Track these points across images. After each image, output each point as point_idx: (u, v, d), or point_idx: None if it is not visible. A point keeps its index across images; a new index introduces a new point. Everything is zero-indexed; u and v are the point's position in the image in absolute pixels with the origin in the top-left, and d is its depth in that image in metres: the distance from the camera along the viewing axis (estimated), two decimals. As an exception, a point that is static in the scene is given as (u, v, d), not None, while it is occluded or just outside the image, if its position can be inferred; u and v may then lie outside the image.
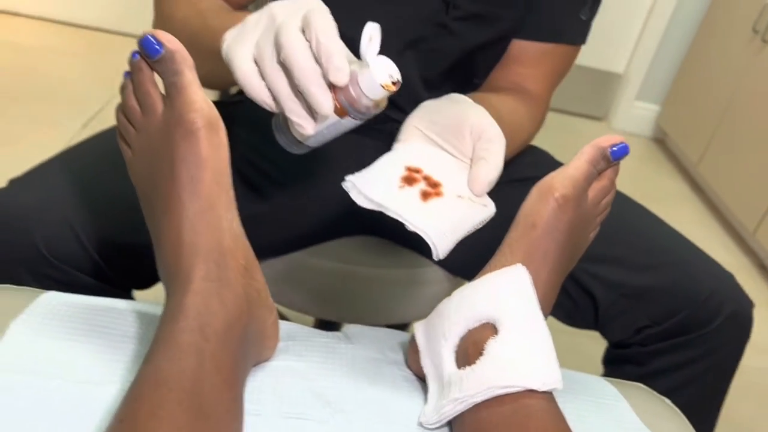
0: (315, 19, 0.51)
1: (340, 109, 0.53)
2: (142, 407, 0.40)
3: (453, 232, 0.56)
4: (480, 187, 0.60)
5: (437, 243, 0.55)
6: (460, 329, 0.55)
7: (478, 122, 0.63)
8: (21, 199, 0.68)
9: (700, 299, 0.80)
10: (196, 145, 0.50)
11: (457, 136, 0.63)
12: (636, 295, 0.82)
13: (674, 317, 0.81)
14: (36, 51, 2.41)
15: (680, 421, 0.63)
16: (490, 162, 0.61)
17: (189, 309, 0.46)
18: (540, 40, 0.86)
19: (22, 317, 0.53)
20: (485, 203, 0.61)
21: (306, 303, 0.96)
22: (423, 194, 0.58)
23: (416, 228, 0.55)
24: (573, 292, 0.85)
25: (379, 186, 0.57)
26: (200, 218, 0.50)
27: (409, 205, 0.56)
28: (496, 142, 0.62)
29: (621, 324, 0.84)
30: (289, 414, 0.49)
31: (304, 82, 0.50)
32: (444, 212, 0.57)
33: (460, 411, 0.50)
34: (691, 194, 2.46)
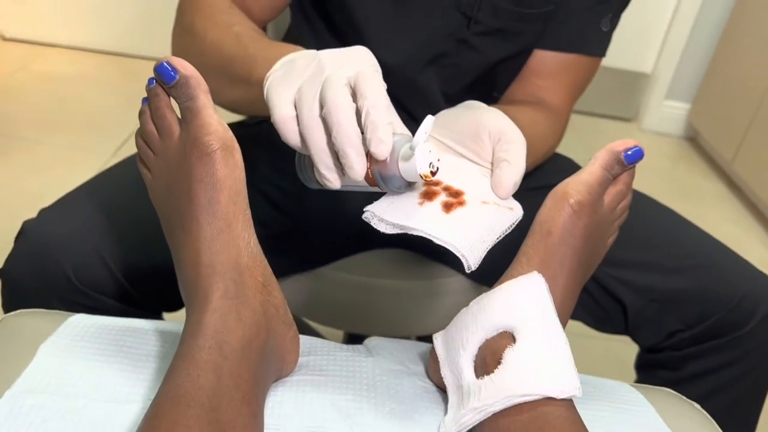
0: (366, 85, 0.51)
1: (371, 178, 0.53)
2: (161, 424, 0.41)
3: (482, 240, 0.54)
4: (505, 190, 0.59)
5: (467, 255, 0.53)
6: (478, 339, 0.55)
7: (496, 124, 0.62)
8: (50, 230, 0.71)
9: (732, 301, 0.79)
10: (212, 167, 0.52)
11: (476, 141, 0.62)
12: (666, 300, 0.81)
13: (706, 321, 0.80)
14: (70, 80, 2.48)
15: (711, 427, 0.62)
16: (513, 163, 0.59)
17: (207, 327, 0.47)
18: (560, 50, 0.85)
19: (51, 339, 0.55)
20: (511, 206, 0.59)
21: (333, 317, 0.97)
22: (445, 206, 0.56)
23: (443, 242, 0.53)
24: (601, 299, 0.84)
25: (398, 208, 0.56)
26: (217, 238, 0.52)
27: (432, 221, 0.55)
28: (516, 143, 0.61)
29: (652, 329, 0.83)
30: (309, 428, 0.50)
31: (342, 143, 0.50)
32: (470, 221, 0.55)
33: (480, 420, 0.50)
34: (727, 193, 2.41)
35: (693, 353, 0.82)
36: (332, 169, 0.53)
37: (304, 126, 0.52)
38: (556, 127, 0.86)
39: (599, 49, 0.87)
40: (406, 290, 0.92)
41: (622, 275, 0.82)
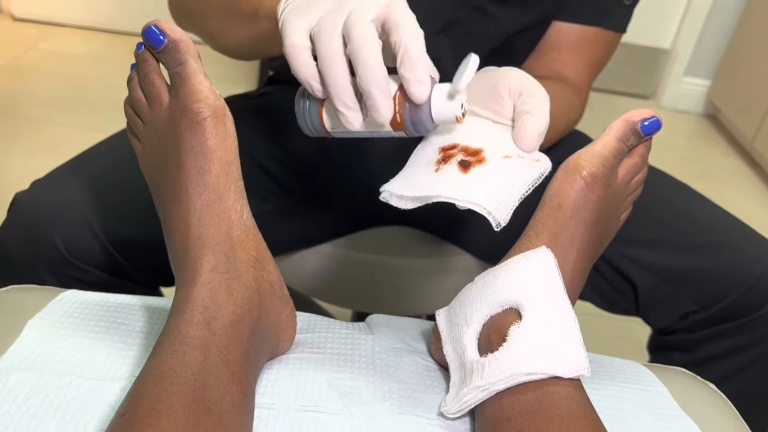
0: (401, 20, 0.47)
1: (397, 121, 0.50)
2: (143, 401, 0.39)
3: (507, 195, 0.51)
4: (528, 142, 0.55)
5: (493, 211, 0.49)
6: (483, 315, 0.53)
7: (515, 80, 0.58)
8: (40, 200, 0.69)
9: (748, 282, 0.75)
10: (203, 136, 0.50)
11: (496, 99, 0.58)
12: (679, 280, 0.78)
13: (722, 302, 0.76)
14: (81, 59, 2.47)
15: (726, 407, 0.59)
16: (535, 114, 0.55)
17: (195, 301, 0.45)
18: (580, 22, 0.82)
19: (39, 315, 0.53)
20: (538, 158, 0.55)
21: (338, 295, 0.95)
22: (462, 166, 0.52)
23: (465, 203, 0.49)
24: (611, 278, 0.81)
25: (414, 181, 0.53)
26: (208, 210, 0.49)
27: (450, 183, 0.51)
28: (538, 96, 0.57)
29: (664, 310, 0.80)
30: (304, 407, 0.48)
31: (368, 84, 0.47)
32: (491, 177, 0.51)
33: (482, 399, 0.48)
34: (748, 171, 2.36)
35: (707, 335, 0.79)
36: (353, 109, 0.50)
37: (323, 60, 0.49)
38: (576, 102, 0.83)
39: (620, 23, 0.84)
40: (412, 268, 0.90)
41: (632, 253, 0.79)
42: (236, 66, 2.54)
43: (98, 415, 0.44)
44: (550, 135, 0.76)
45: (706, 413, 0.57)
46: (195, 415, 0.39)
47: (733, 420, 0.58)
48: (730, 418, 0.58)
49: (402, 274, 0.91)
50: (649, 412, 0.54)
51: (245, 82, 2.40)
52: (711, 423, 0.55)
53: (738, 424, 0.58)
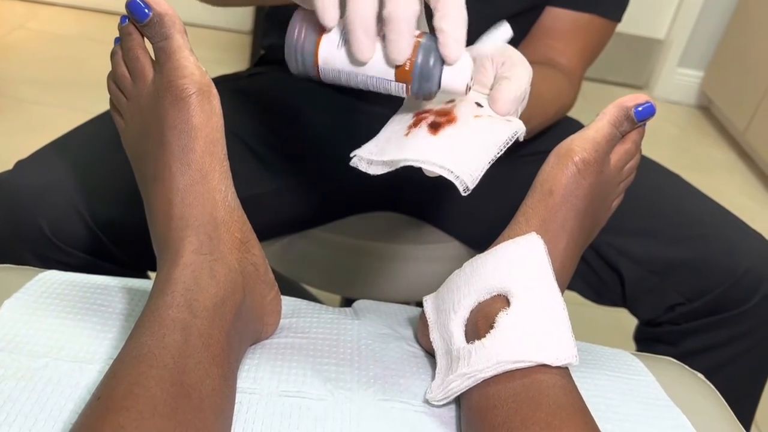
0: None
1: (406, 70, 0.48)
2: (120, 384, 0.38)
3: (476, 157, 0.48)
4: (503, 104, 0.53)
5: (460, 174, 0.47)
6: (470, 302, 0.52)
7: (499, 51, 0.57)
8: (24, 181, 0.67)
9: (735, 275, 0.74)
10: (187, 113, 0.48)
11: (479, 69, 0.56)
12: (665, 271, 0.77)
13: (706, 295, 0.75)
14: (70, 39, 2.43)
15: (714, 397, 0.59)
16: (513, 79, 0.54)
17: (177, 283, 0.44)
18: (575, 8, 0.80)
19: (16, 295, 0.52)
20: (509, 119, 0.53)
21: (326, 280, 0.94)
22: (432, 127, 0.50)
23: (432, 166, 0.47)
24: (598, 268, 0.80)
25: (384, 146, 0.51)
26: (191, 189, 0.48)
27: (418, 146, 0.49)
28: (519, 65, 0.55)
29: (650, 301, 0.79)
30: (286, 392, 0.47)
31: (395, 20, 0.45)
32: (460, 138, 0.49)
33: (468, 387, 0.47)
34: (739, 163, 2.36)
35: (692, 328, 0.78)
36: (372, 38, 0.46)
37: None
38: (568, 88, 0.81)
39: (615, 12, 0.82)
40: (400, 254, 0.89)
41: (620, 243, 0.78)
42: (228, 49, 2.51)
43: (75, 398, 0.43)
44: (539, 118, 0.74)
45: (694, 403, 0.56)
46: (173, 399, 0.37)
47: (720, 409, 0.58)
48: (718, 408, 0.58)
49: (391, 259, 0.90)
50: (637, 401, 0.54)
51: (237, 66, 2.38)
52: (699, 412, 0.55)
53: (726, 414, 0.57)
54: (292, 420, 0.45)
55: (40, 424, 0.41)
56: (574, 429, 0.42)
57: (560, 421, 0.42)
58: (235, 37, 2.65)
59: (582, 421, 0.43)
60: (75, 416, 0.42)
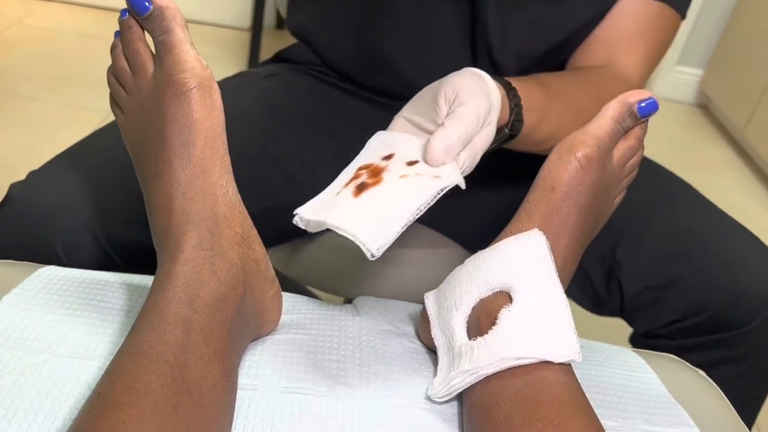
0: None
1: None
2: (120, 380, 0.37)
3: (387, 224, 0.48)
4: (432, 155, 0.52)
5: (366, 242, 0.47)
6: (472, 298, 0.52)
7: (452, 85, 0.55)
8: (38, 200, 0.64)
9: (734, 295, 0.70)
10: (188, 107, 0.48)
11: (434, 108, 0.55)
12: (663, 286, 0.73)
13: (703, 313, 0.72)
14: (68, 35, 2.43)
15: (715, 394, 0.59)
16: (447, 124, 0.53)
17: (177, 278, 0.44)
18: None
19: (15, 291, 0.52)
20: (438, 174, 0.51)
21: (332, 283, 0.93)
22: (357, 189, 0.51)
23: (344, 232, 0.47)
24: (597, 279, 0.78)
25: (318, 203, 0.52)
26: (192, 184, 0.48)
27: (338, 210, 0.49)
28: (465, 102, 0.53)
29: (648, 315, 0.76)
30: (288, 388, 0.47)
31: None
32: (376, 204, 0.49)
33: (471, 383, 0.47)
34: (738, 161, 2.36)
35: (688, 345, 0.74)
36: None
37: None
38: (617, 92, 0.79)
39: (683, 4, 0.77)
40: (405, 258, 0.88)
41: (619, 254, 0.75)
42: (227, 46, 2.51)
43: (74, 394, 0.43)
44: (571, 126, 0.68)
45: (696, 399, 0.56)
46: (174, 394, 0.37)
47: (722, 406, 0.58)
48: (720, 405, 0.58)
49: (397, 263, 0.88)
50: (639, 397, 0.53)
51: (235, 62, 2.37)
52: (700, 409, 0.54)
53: (727, 411, 0.57)
54: (294, 416, 0.44)
55: (40, 419, 0.41)
56: (577, 425, 0.42)
57: (563, 418, 0.42)
58: (233, 33, 2.65)
59: (585, 417, 0.43)
60: (75, 412, 0.41)
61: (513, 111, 0.62)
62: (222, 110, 0.50)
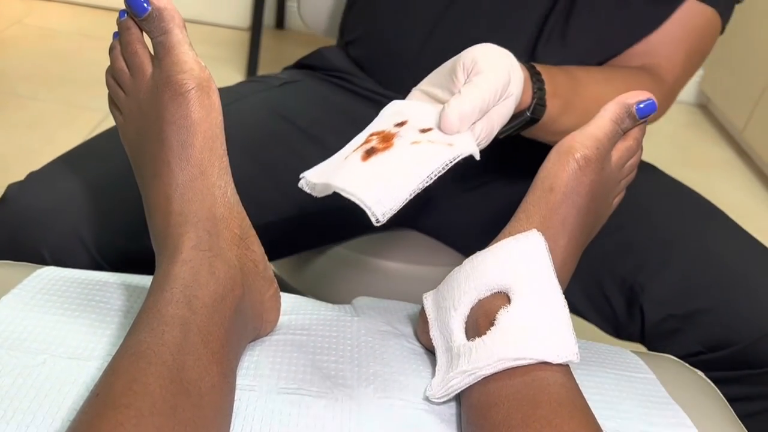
0: None
1: None
2: (119, 381, 0.37)
3: (394, 190, 0.47)
4: (444, 122, 0.50)
5: (372, 206, 0.45)
6: (471, 299, 0.52)
7: (471, 55, 0.53)
8: (30, 201, 0.63)
9: (763, 331, 0.66)
10: (186, 108, 0.48)
11: (452, 78, 0.54)
12: (686, 316, 0.70)
13: (728, 347, 0.68)
14: (67, 35, 2.43)
15: (714, 394, 0.59)
16: (463, 92, 0.51)
17: (176, 279, 0.44)
18: None
19: (14, 292, 0.52)
20: (451, 142, 0.50)
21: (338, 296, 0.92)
22: (366, 154, 0.49)
23: (349, 195, 0.46)
24: (617, 303, 0.75)
25: (326, 167, 0.51)
26: (190, 185, 0.48)
27: (346, 173, 0.48)
28: (483, 71, 0.52)
29: (669, 344, 0.72)
30: (286, 389, 0.47)
31: None
32: (385, 168, 0.48)
33: (469, 384, 0.47)
34: (738, 161, 2.36)
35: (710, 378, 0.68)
36: None
37: None
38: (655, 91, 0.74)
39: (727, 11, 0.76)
40: (415, 275, 0.87)
41: (643, 280, 0.72)
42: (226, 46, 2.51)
43: (73, 395, 0.43)
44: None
45: (694, 400, 0.56)
46: (172, 396, 0.37)
47: (720, 407, 0.58)
48: (718, 406, 0.58)
49: (406, 279, 0.87)
50: (638, 398, 0.53)
51: (234, 63, 2.37)
52: (699, 410, 0.54)
53: (726, 412, 0.57)
54: (292, 417, 0.44)
55: (38, 420, 0.41)
56: (575, 427, 0.42)
57: (561, 419, 0.42)
58: (233, 33, 2.65)
59: (583, 418, 0.43)
60: (73, 413, 0.41)
61: (536, 95, 0.61)
62: (220, 111, 0.50)
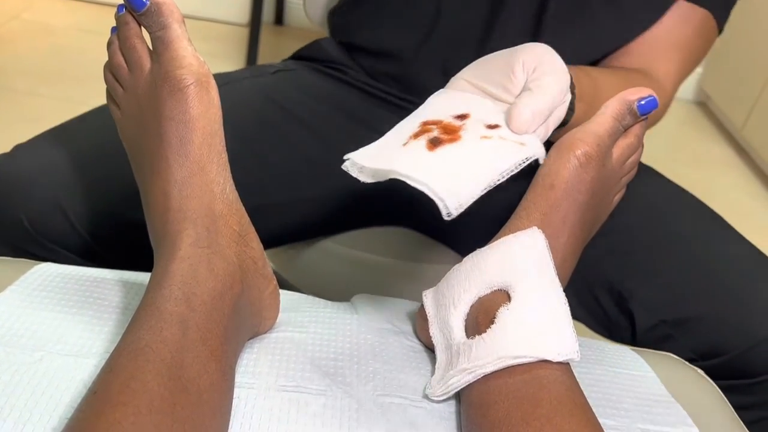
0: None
1: None
2: (117, 378, 0.37)
3: (467, 184, 0.45)
4: (517, 122, 0.48)
5: (445, 198, 0.43)
6: (471, 297, 0.51)
7: (532, 53, 0.51)
8: (12, 169, 0.65)
9: (754, 339, 0.65)
10: (185, 104, 0.48)
11: (508, 75, 0.52)
12: (677, 323, 0.69)
13: (719, 357, 0.67)
14: (65, 30, 2.42)
15: (714, 393, 0.59)
16: (537, 92, 0.49)
17: (174, 276, 0.44)
18: None
19: (11, 288, 0.51)
20: (522, 141, 0.48)
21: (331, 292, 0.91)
22: (431, 143, 0.47)
23: (418, 184, 0.44)
24: (609, 308, 0.73)
25: (379, 152, 0.48)
26: (189, 182, 0.48)
27: (410, 160, 0.46)
28: (550, 73, 0.50)
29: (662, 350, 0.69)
30: (285, 387, 0.46)
31: None
32: (457, 160, 0.46)
33: (469, 382, 0.47)
34: (736, 159, 2.36)
35: None
36: None
37: None
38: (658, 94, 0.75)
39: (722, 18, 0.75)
40: (409, 272, 0.86)
41: (634, 286, 0.71)
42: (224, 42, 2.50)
43: (71, 392, 0.42)
44: None
45: (695, 398, 0.56)
46: (171, 393, 0.37)
47: (720, 405, 0.58)
48: (718, 404, 0.58)
49: (400, 277, 0.86)
50: (638, 396, 0.53)
51: (233, 58, 2.36)
52: (699, 408, 0.54)
53: (726, 410, 0.57)
54: (291, 415, 0.44)
55: (36, 418, 0.40)
56: (575, 425, 0.42)
57: (561, 418, 0.42)
58: (232, 29, 2.64)
59: (583, 417, 0.43)
60: (71, 410, 0.41)
61: None
62: (219, 107, 0.50)
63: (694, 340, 0.68)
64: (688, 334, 0.69)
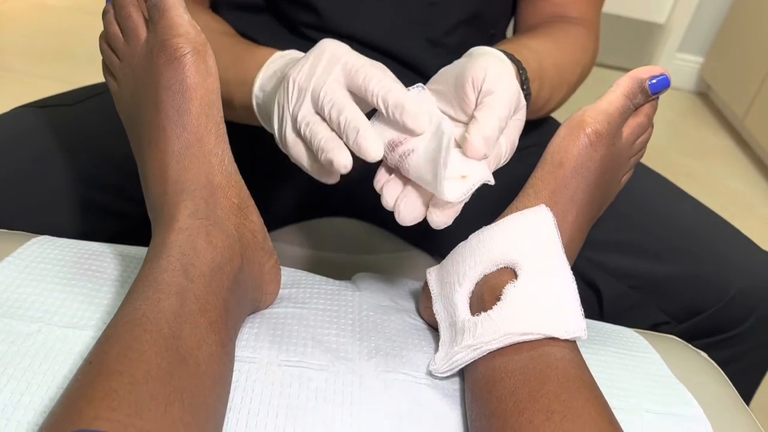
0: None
1: None
2: (113, 348, 0.36)
3: None
4: (472, 150, 0.48)
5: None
6: (476, 274, 0.50)
7: (479, 69, 0.50)
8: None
9: (727, 295, 0.66)
10: (182, 73, 0.46)
11: (461, 96, 0.51)
12: (648, 287, 0.69)
13: (695, 316, 0.68)
14: (64, 10, 2.39)
15: (716, 374, 0.58)
16: (484, 114, 0.49)
17: (172, 247, 0.43)
18: None
19: (8, 260, 0.50)
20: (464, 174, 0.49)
21: None
22: None
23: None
24: None
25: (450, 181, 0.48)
26: (187, 153, 0.46)
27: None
28: (497, 90, 0.50)
29: (631, 319, 0.71)
30: (287, 362, 0.46)
31: None
32: None
33: (473, 359, 0.46)
34: (737, 149, 2.35)
35: None
36: None
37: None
38: (586, 43, 0.73)
39: None
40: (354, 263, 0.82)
41: (597, 257, 0.69)
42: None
43: (68, 364, 0.42)
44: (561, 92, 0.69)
45: (698, 380, 0.56)
46: (168, 364, 0.36)
47: (723, 387, 0.57)
48: (721, 385, 0.57)
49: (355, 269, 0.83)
50: (642, 377, 0.53)
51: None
52: (702, 389, 0.54)
53: (729, 391, 0.57)
54: (293, 389, 0.43)
55: (33, 388, 0.39)
56: (582, 402, 0.41)
57: (569, 394, 0.41)
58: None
59: (591, 394, 0.42)
60: (68, 381, 0.40)
61: (524, 84, 0.60)
62: (217, 76, 0.48)
63: (665, 303, 0.69)
64: (659, 297, 0.69)
